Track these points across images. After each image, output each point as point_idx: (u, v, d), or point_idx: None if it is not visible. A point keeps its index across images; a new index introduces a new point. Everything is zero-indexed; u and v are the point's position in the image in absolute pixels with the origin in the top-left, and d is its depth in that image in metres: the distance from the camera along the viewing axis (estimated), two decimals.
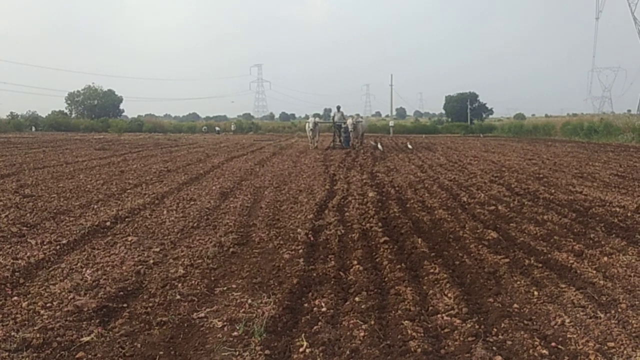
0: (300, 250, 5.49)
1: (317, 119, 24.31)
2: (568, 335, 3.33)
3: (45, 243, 5.66)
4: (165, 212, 7.67)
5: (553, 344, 3.26)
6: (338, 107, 24.14)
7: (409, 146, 25.03)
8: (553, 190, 9.56)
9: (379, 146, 23.45)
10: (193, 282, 4.57)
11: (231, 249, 5.63)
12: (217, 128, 56.04)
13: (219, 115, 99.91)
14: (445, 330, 3.49)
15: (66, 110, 70.04)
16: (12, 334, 3.41)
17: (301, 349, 3.21)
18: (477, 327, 3.43)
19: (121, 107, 73.09)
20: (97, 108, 69.36)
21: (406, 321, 3.52)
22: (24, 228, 6.36)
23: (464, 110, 63.25)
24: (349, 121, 22.24)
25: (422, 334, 3.34)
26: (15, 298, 4.11)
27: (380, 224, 6.72)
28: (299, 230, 6.46)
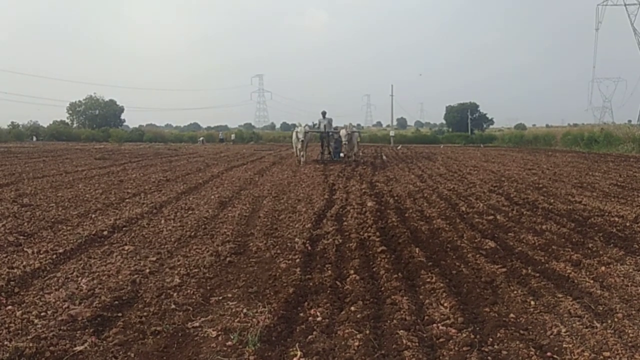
0: (297, 260, 5.48)
1: (307, 128, 19.62)
2: (564, 345, 3.31)
3: (41, 252, 5.65)
4: (163, 221, 7.66)
5: (549, 353, 3.24)
6: (324, 114, 20.35)
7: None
8: (552, 200, 9.54)
9: (383, 156, 23.49)
10: (189, 291, 4.56)
11: (228, 259, 5.62)
12: (220, 135, 55.66)
13: (220, 125, 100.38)
14: (441, 340, 3.47)
15: (67, 120, 70.38)
16: (5, 343, 3.40)
17: (295, 359, 3.19)
18: (472, 336, 3.41)
19: (122, 117, 73.45)
20: (99, 118, 69.63)
21: (401, 331, 3.50)
22: (21, 237, 6.35)
23: (465, 120, 63.61)
24: (342, 132, 19.01)
25: (417, 344, 3.32)
26: (10, 307, 4.09)
27: (378, 233, 6.70)
28: (296, 239, 6.45)
